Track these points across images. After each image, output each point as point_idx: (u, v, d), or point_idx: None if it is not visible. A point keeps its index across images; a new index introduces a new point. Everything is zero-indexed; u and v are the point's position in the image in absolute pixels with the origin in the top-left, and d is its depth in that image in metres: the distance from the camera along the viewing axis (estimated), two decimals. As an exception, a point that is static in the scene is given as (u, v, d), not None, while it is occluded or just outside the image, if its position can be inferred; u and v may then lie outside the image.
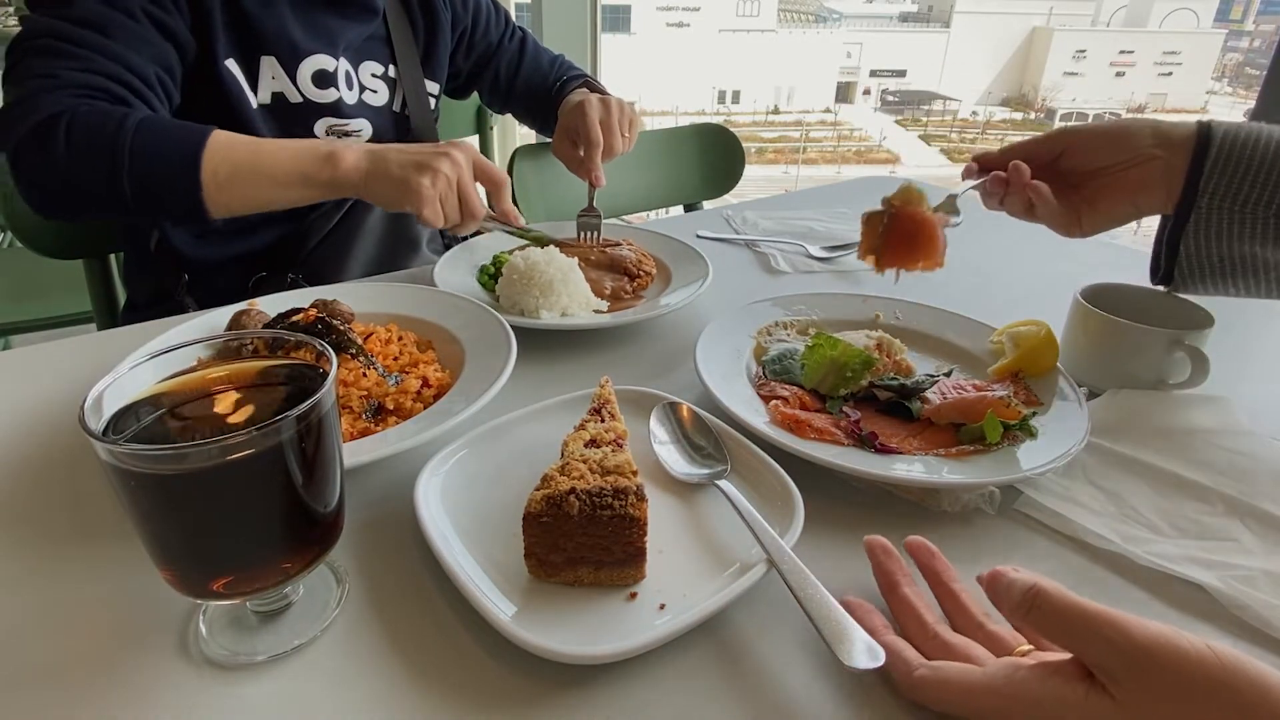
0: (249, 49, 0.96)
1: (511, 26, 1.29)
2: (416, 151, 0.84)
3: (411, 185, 0.81)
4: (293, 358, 0.46)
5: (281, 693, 0.43)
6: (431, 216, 0.82)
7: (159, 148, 0.80)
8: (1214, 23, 40.19)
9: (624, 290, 0.92)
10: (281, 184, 0.83)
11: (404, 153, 0.84)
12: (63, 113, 0.78)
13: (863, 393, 0.68)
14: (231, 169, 0.81)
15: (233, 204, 0.83)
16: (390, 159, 0.83)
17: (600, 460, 0.49)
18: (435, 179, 0.81)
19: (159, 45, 0.89)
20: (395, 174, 0.82)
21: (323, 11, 1.02)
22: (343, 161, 0.83)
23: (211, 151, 0.80)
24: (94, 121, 0.79)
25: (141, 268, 1.09)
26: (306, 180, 0.83)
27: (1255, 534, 0.55)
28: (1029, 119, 36.91)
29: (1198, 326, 0.70)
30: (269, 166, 0.83)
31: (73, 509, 0.57)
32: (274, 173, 0.83)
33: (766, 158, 32.50)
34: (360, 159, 0.84)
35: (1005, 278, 1.06)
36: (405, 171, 0.82)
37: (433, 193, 0.82)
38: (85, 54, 0.82)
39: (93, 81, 0.82)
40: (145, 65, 0.87)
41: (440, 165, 0.82)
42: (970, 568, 0.53)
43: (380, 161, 0.83)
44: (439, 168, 0.82)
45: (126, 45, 0.85)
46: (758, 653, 0.46)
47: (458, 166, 0.83)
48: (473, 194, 0.85)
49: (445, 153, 0.83)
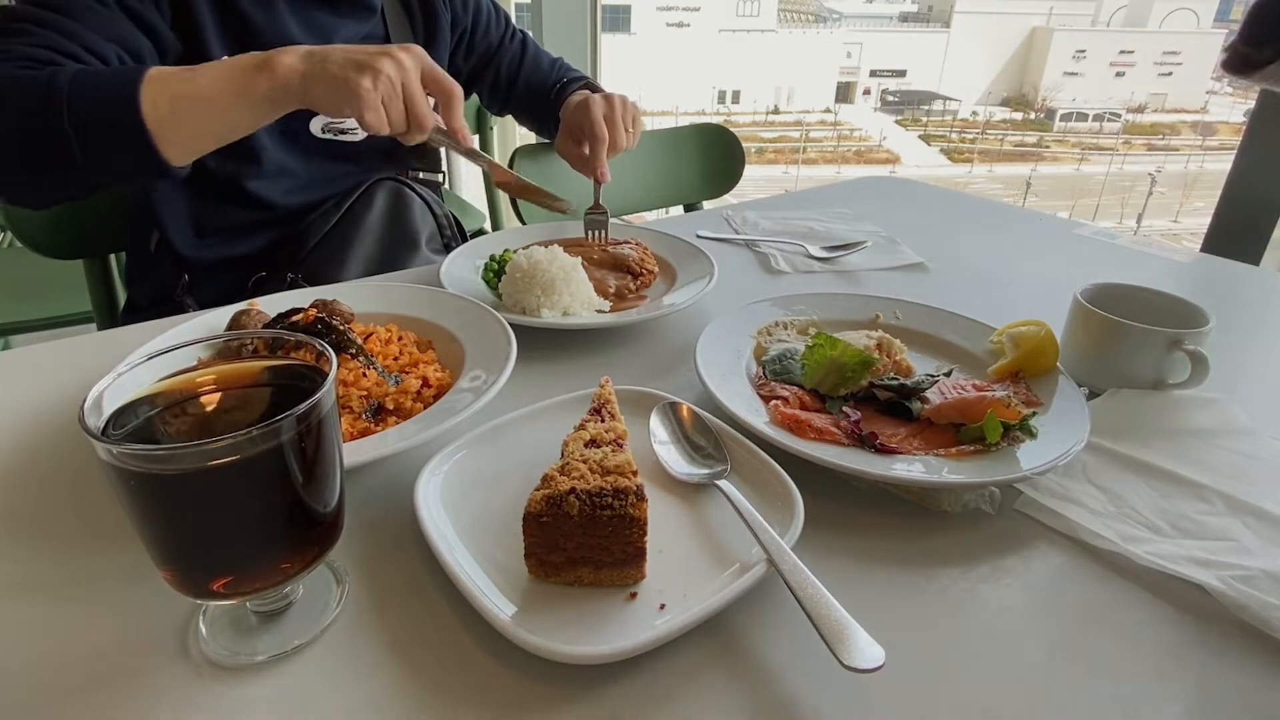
0: (242, 47, 0.96)
1: (511, 28, 1.30)
2: (360, 50, 0.78)
3: (351, 85, 0.76)
4: (293, 358, 0.46)
5: (281, 693, 0.43)
6: (374, 121, 0.78)
7: (96, 92, 0.75)
8: (1214, 23, 40.15)
9: (627, 289, 0.92)
10: (222, 105, 0.77)
11: (347, 52, 0.78)
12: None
13: (863, 393, 0.68)
14: (170, 99, 0.75)
15: (183, 139, 0.78)
16: (331, 58, 0.77)
17: (600, 460, 0.49)
18: (377, 80, 0.76)
19: (126, 31, 0.86)
20: (335, 74, 0.76)
21: (319, 9, 1.02)
22: (278, 67, 0.77)
23: (149, 84, 0.75)
24: (24, 81, 0.75)
25: (142, 269, 1.09)
26: (245, 95, 0.77)
27: (1255, 534, 0.55)
28: (1029, 119, 36.93)
29: (1197, 326, 0.70)
30: (204, 89, 0.77)
31: (73, 509, 0.57)
32: (210, 94, 0.77)
33: (766, 158, 32.50)
34: (297, 61, 0.78)
35: (1005, 278, 1.06)
36: (345, 71, 0.76)
37: (374, 96, 0.76)
38: (41, 32, 0.80)
39: (38, 55, 0.79)
40: (104, 46, 0.84)
41: (383, 65, 0.77)
42: (970, 568, 0.53)
43: (319, 62, 0.77)
44: (381, 68, 0.77)
45: (87, 26, 0.83)
46: (758, 653, 0.46)
47: (402, 68, 0.78)
48: (421, 101, 0.80)
49: (389, 53, 0.78)
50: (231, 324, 0.73)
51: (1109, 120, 36.29)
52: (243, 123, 0.81)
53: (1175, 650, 0.47)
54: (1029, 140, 35.25)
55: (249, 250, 1.04)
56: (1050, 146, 34.83)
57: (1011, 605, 0.50)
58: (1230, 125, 34.22)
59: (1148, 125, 36.69)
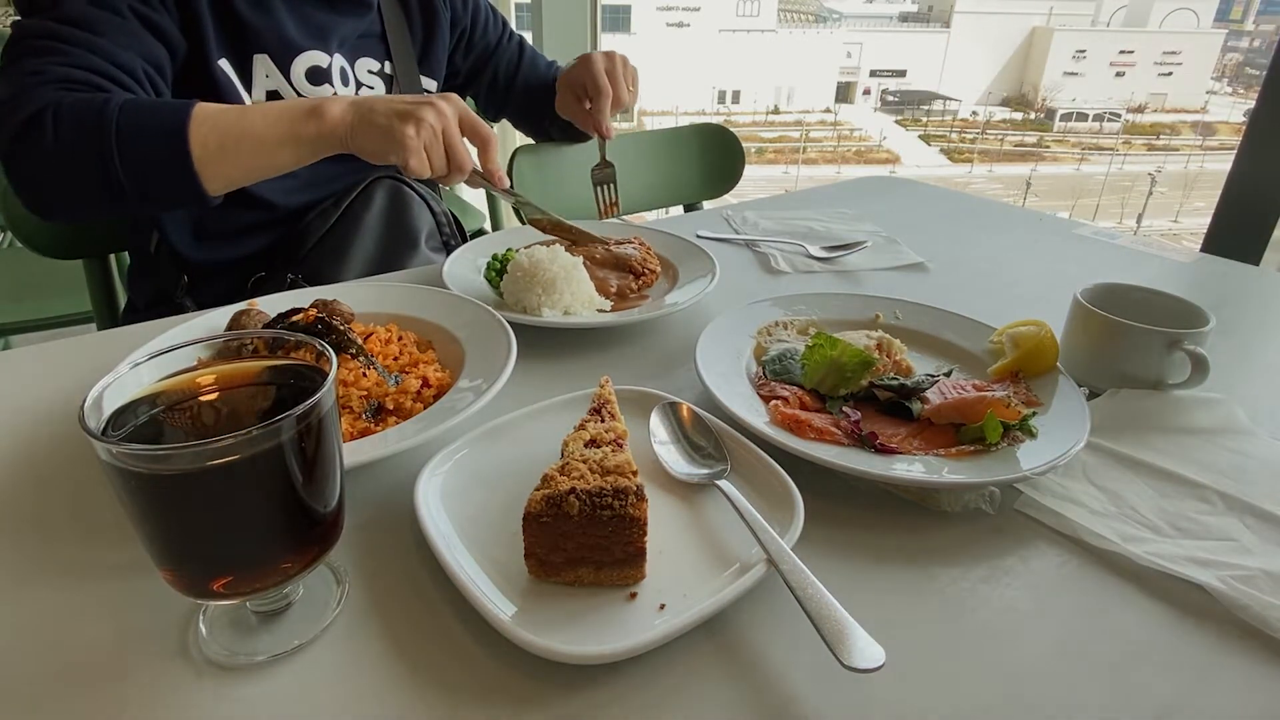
0: (240, 49, 0.97)
1: (509, 30, 1.30)
2: (402, 101, 0.83)
3: (396, 135, 0.80)
4: (293, 358, 0.46)
5: (281, 693, 0.43)
6: (417, 166, 0.82)
7: (144, 125, 0.79)
8: (1214, 23, 40.22)
9: (629, 289, 0.92)
10: (271, 146, 0.82)
11: (390, 103, 0.83)
12: (48, 106, 0.78)
13: (863, 393, 0.68)
14: (220, 137, 0.80)
15: (227, 174, 0.82)
16: (376, 109, 0.82)
17: (600, 460, 0.49)
18: (420, 128, 0.81)
19: (147, 42, 0.88)
20: (380, 124, 0.81)
21: (315, 7, 1.02)
22: (328, 115, 0.82)
23: (197, 122, 0.79)
24: (79, 109, 0.78)
25: (142, 270, 1.09)
26: (295, 138, 0.82)
27: (1255, 534, 0.55)
28: (1029, 119, 36.94)
29: (1197, 326, 0.70)
30: (257, 130, 0.81)
31: (73, 509, 0.57)
32: (262, 135, 0.82)
33: (766, 158, 32.51)
34: (345, 111, 0.83)
35: (1005, 278, 1.06)
36: (390, 121, 0.81)
37: (417, 142, 0.81)
38: (71, 50, 0.82)
39: (76, 75, 0.82)
40: (132, 60, 0.86)
41: (425, 115, 0.81)
42: (970, 568, 0.53)
43: (366, 112, 0.82)
44: (424, 117, 0.81)
45: (113, 41, 0.85)
46: (758, 653, 0.46)
47: (443, 117, 0.83)
48: (460, 146, 0.85)
49: (431, 102, 0.83)
50: (231, 324, 0.73)
51: (1109, 120, 36.30)
52: (286, 163, 0.85)
53: (1175, 650, 0.47)
54: (1029, 140, 35.26)
55: (249, 251, 1.04)
56: (1050, 146, 34.84)
57: (1011, 605, 0.50)
58: (1230, 125, 34.24)
59: (1148, 125, 36.71)
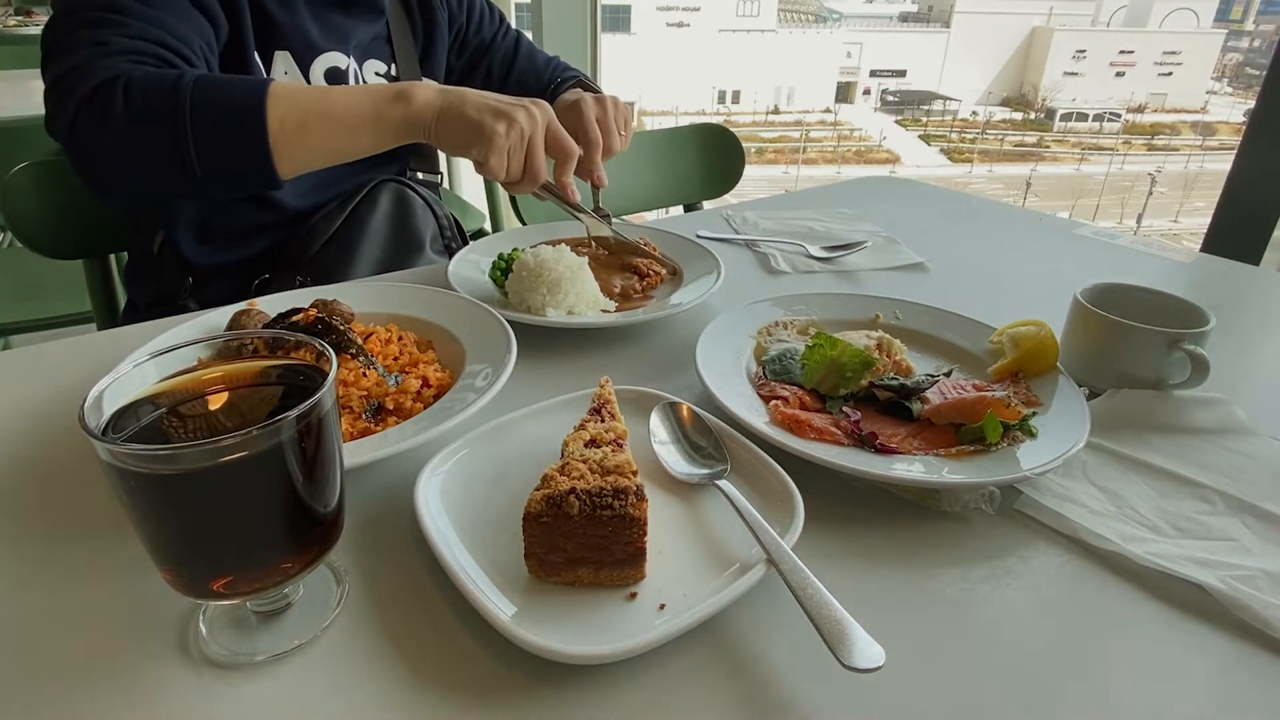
0: (265, 43, 0.97)
1: (505, 25, 1.30)
2: (495, 98, 0.82)
3: (486, 130, 0.79)
4: (293, 358, 0.46)
5: (281, 693, 0.43)
6: (497, 165, 0.80)
7: (220, 100, 0.76)
8: (1214, 23, 40.23)
9: (633, 289, 0.92)
10: (352, 127, 0.80)
11: (483, 97, 0.81)
12: (118, 76, 0.76)
13: (863, 393, 0.68)
14: (300, 115, 0.78)
15: (301, 156, 0.80)
16: (468, 100, 0.81)
17: (600, 460, 0.49)
18: (511, 128, 0.79)
19: (200, 21, 0.88)
20: (470, 116, 0.79)
21: (334, 10, 1.03)
22: (416, 99, 0.80)
23: (275, 99, 0.77)
24: (151, 81, 0.76)
25: (144, 271, 1.08)
26: (379, 120, 0.80)
27: (1255, 534, 0.55)
28: (1029, 119, 36.93)
29: (1197, 326, 0.70)
30: (339, 110, 0.79)
31: (73, 509, 0.57)
32: (345, 115, 0.80)
33: (766, 158, 32.51)
34: (434, 97, 0.81)
35: (1005, 278, 1.06)
36: (482, 115, 0.79)
37: (505, 142, 0.79)
38: (131, 22, 0.81)
39: (143, 48, 0.80)
40: (191, 35, 0.85)
41: (519, 116, 0.80)
42: (970, 568, 0.53)
43: (456, 101, 0.80)
44: (517, 118, 0.80)
45: (171, 15, 0.84)
46: (758, 653, 0.46)
47: (534, 122, 0.82)
48: (541, 155, 0.83)
49: (524, 106, 0.82)
50: (231, 324, 0.73)
51: (1109, 120, 36.30)
52: (364, 147, 0.83)
53: (1175, 650, 0.47)
54: (1029, 140, 35.26)
55: (254, 253, 1.04)
56: (1050, 146, 34.84)
57: (1011, 605, 0.50)
58: (1230, 125, 34.23)
59: (1148, 125, 36.71)
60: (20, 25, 3.87)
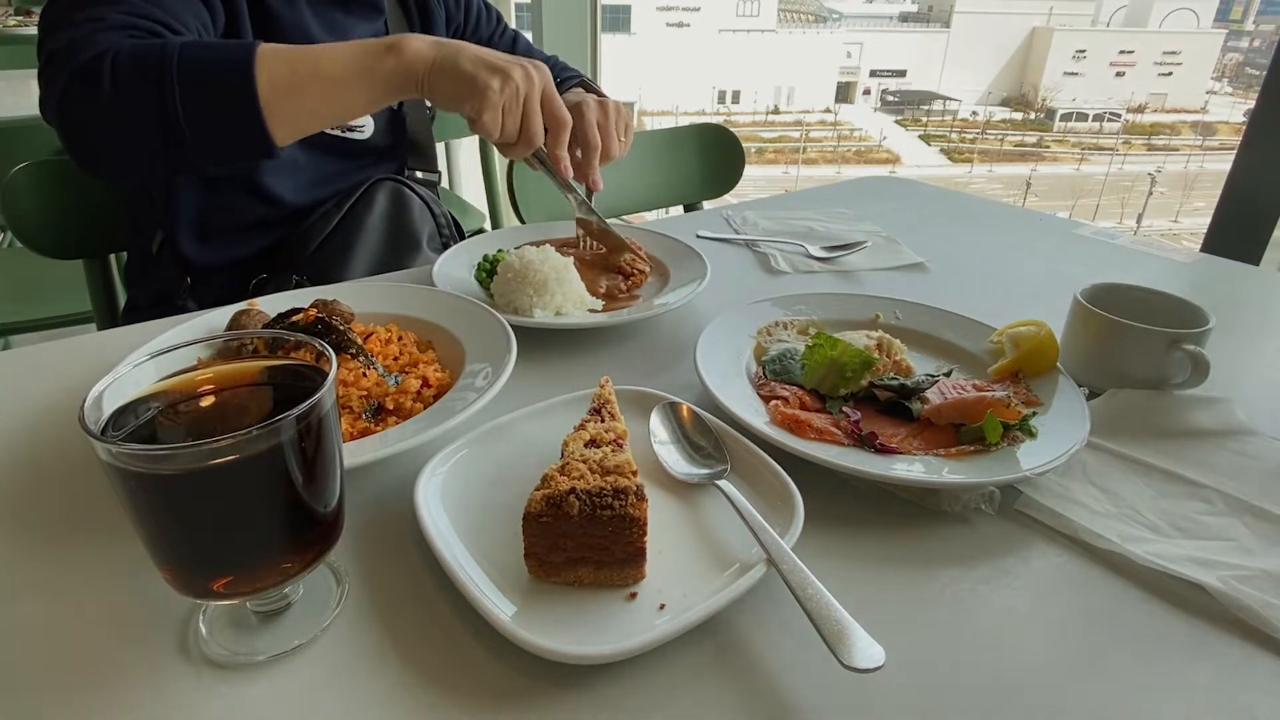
0: (264, 38, 0.97)
1: (503, 25, 1.30)
2: (492, 53, 0.79)
3: (480, 84, 0.76)
4: (293, 358, 0.46)
5: (281, 693, 0.43)
6: (490, 122, 0.78)
7: (207, 62, 0.74)
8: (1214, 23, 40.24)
9: (618, 289, 0.92)
10: (343, 83, 0.77)
11: (479, 51, 0.79)
12: (107, 50, 0.75)
13: (863, 393, 0.68)
14: (289, 72, 0.75)
15: (294, 116, 0.78)
16: (464, 52, 0.78)
17: (600, 460, 0.49)
18: (506, 84, 0.77)
19: (197, 6, 0.87)
20: (465, 69, 0.77)
21: (334, 8, 1.04)
22: (407, 49, 0.77)
23: (263, 58, 0.74)
24: (139, 52, 0.74)
25: (144, 270, 1.08)
26: (369, 74, 0.78)
27: (1255, 534, 0.55)
28: (1029, 119, 36.94)
29: (1197, 326, 0.70)
30: (329, 65, 0.77)
31: (73, 509, 0.57)
32: (335, 70, 0.77)
33: (766, 158, 32.51)
34: (426, 48, 0.78)
35: (1005, 278, 1.06)
36: (476, 69, 0.77)
37: (499, 98, 0.77)
38: (130, 2, 0.80)
39: (138, 24, 0.79)
40: (187, 18, 0.85)
41: (514, 73, 0.78)
42: (970, 568, 0.53)
43: (451, 54, 0.78)
44: (512, 74, 0.78)
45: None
46: (758, 653, 0.46)
47: (531, 81, 0.79)
48: (537, 116, 0.81)
49: (522, 64, 0.79)
50: (231, 324, 0.73)
51: (1109, 120, 36.30)
52: (358, 104, 0.81)
53: (1175, 650, 0.47)
54: (1029, 140, 35.27)
55: (251, 251, 1.05)
56: (1050, 146, 34.85)
57: (1011, 605, 0.50)
58: (1230, 125, 34.23)
59: (1148, 125, 36.71)
60: (20, 25, 3.87)
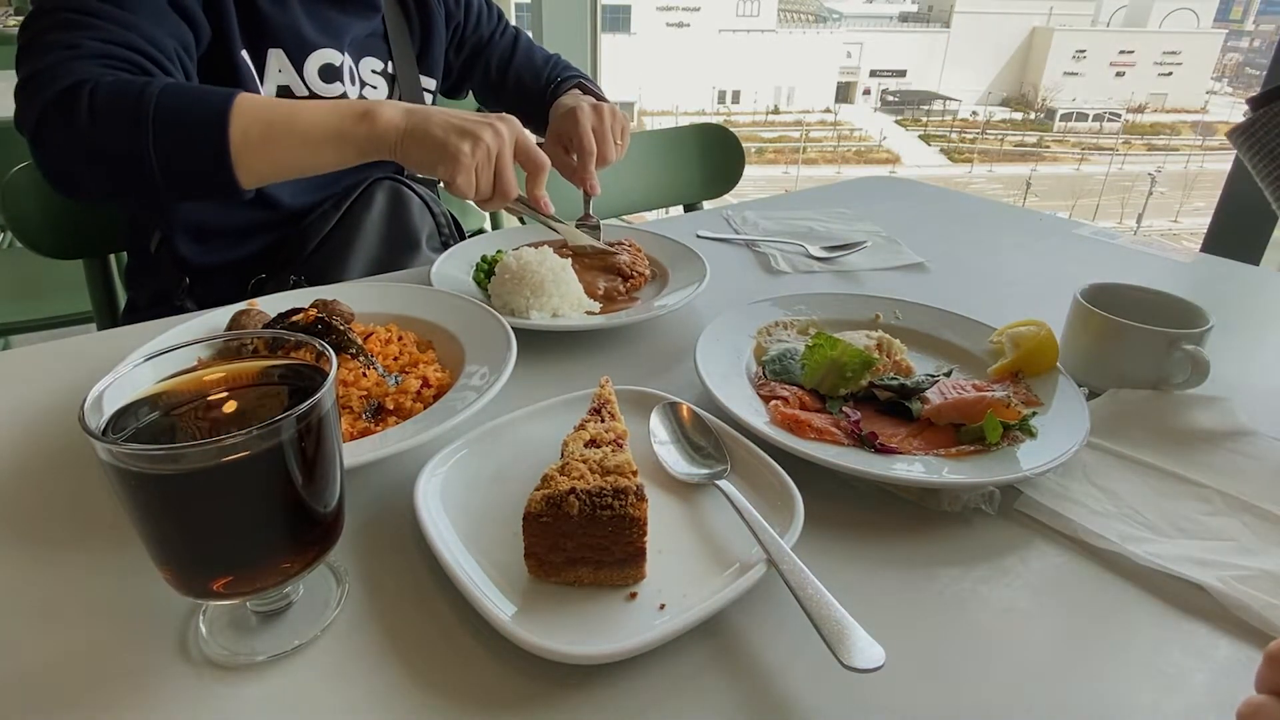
0: (257, 42, 0.97)
1: (504, 23, 1.30)
2: (460, 117, 0.81)
3: (450, 149, 0.78)
4: (293, 358, 0.46)
5: (281, 693, 0.43)
6: (464, 185, 0.80)
7: (184, 109, 0.76)
8: (1214, 23, 40.26)
9: (617, 291, 0.92)
10: (315, 143, 0.80)
11: (447, 116, 0.81)
12: (86, 80, 0.76)
13: (863, 393, 0.68)
14: (264, 128, 0.77)
15: (263, 169, 0.80)
16: (433, 120, 0.80)
17: (600, 460, 0.49)
18: (476, 147, 0.79)
19: (176, 23, 0.87)
20: (436, 136, 0.79)
21: (329, 7, 1.03)
22: (379, 118, 0.80)
23: (239, 111, 0.77)
24: (118, 88, 0.76)
25: (143, 271, 1.09)
26: (341, 138, 0.80)
27: (1255, 534, 0.55)
28: (1029, 119, 36.94)
29: (1197, 326, 0.70)
30: (302, 125, 0.79)
31: (73, 509, 0.57)
32: (309, 130, 0.79)
33: (766, 158, 32.51)
34: (398, 116, 0.80)
35: (1005, 278, 1.06)
36: (446, 135, 0.79)
37: (470, 161, 0.79)
38: (105, 25, 0.81)
39: (114, 52, 0.80)
40: (165, 39, 0.85)
41: (483, 134, 0.79)
42: (970, 568, 0.53)
43: (421, 121, 0.80)
44: (481, 136, 0.79)
45: (146, 18, 0.83)
46: (758, 653, 0.46)
47: (500, 139, 0.81)
48: (510, 172, 0.83)
49: (490, 123, 0.81)
50: (231, 324, 0.73)
51: (1109, 120, 36.30)
52: (327, 162, 0.83)
53: (1175, 650, 0.47)
54: (1029, 140, 35.27)
55: (250, 252, 1.04)
56: (1050, 146, 34.85)
57: (1011, 605, 0.50)
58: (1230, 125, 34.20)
59: (1148, 125, 36.71)
60: (20, 25, 3.87)
